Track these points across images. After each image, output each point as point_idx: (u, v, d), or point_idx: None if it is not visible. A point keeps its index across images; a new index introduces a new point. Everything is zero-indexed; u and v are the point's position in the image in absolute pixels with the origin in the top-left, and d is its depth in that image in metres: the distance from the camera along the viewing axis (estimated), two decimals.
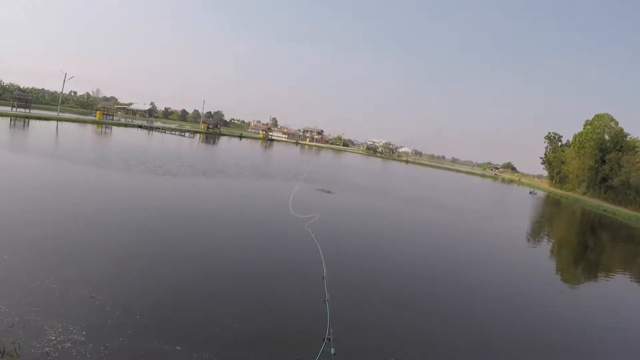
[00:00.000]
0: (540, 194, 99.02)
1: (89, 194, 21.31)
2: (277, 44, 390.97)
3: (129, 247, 13.97)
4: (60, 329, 8.02)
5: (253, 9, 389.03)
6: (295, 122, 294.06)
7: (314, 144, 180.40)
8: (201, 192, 27.40)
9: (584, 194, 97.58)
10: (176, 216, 19.51)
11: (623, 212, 68.98)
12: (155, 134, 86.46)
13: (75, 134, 57.90)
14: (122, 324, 8.65)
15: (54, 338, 7.72)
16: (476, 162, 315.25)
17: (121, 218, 17.54)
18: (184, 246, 15.05)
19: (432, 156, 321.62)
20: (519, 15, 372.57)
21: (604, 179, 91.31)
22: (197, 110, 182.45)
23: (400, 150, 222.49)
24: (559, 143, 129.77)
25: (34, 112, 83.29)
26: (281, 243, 18.12)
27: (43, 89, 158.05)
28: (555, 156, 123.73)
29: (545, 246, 30.05)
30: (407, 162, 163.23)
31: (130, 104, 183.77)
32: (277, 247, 17.30)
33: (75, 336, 7.87)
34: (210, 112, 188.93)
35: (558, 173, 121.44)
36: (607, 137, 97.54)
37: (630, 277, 24.15)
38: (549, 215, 55.48)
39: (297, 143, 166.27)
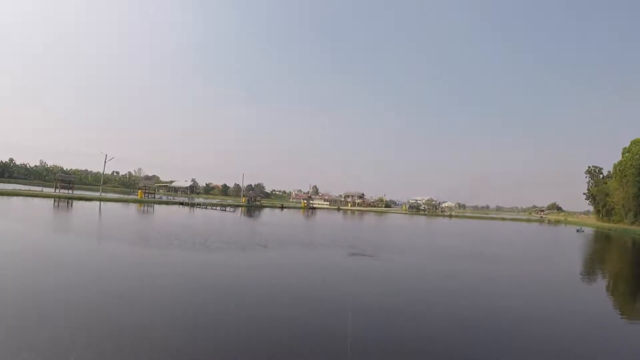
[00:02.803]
0: (588, 230, 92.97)
1: (119, 270, 20.08)
2: (306, 116, 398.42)
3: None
4: None
5: (271, 82, 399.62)
6: (335, 188, 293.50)
7: (356, 208, 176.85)
8: (239, 267, 24.18)
9: (632, 223, 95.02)
10: (209, 289, 17.63)
11: None
12: (197, 210, 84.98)
13: (117, 214, 56.32)
14: None
15: None
16: (521, 208, 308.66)
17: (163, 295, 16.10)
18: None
19: (476, 207, 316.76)
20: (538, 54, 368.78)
21: None
22: (238, 184, 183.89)
23: (443, 205, 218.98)
24: (601, 176, 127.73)
25: (77, 192, 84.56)
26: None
27: (86, 170, 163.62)
28: (599, 189, 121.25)
29: (600, 285, 26.30)
30: (450, 216, 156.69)
31: (172, 181, 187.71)
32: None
33: None
34: (251, 185, 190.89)
35: (604, 206, 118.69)
36: None
37: None
38: (599, 251, 49.62)
39: (338, 209, 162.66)
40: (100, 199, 79.44)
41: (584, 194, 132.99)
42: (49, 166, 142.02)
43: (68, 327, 11.34)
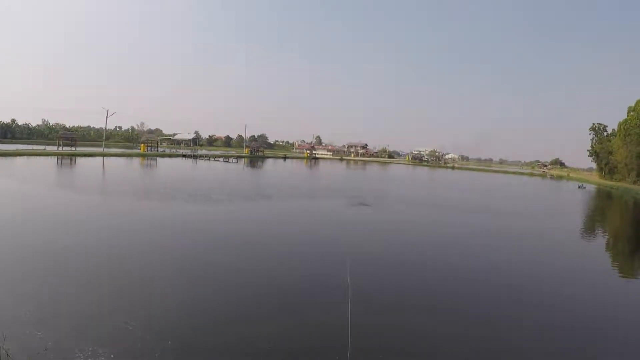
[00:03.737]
0: (590, 187, 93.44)
1: (129, 225, 20.64)
2: (314, 64, 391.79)
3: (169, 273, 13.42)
4: (89, 352, 8.04)
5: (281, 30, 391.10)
6: (339, 138, 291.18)
7: (359, 158, 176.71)
8: (240, 217, 25.18)
9: (635, 182, 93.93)
10: (214, 241, 18.40)
11: None
12: (200, 161, 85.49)
13: (120, 168, 56.83)
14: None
15: None
16: (524, 161, 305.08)
17: (165, 244, 17.06)
18: (225, 270, 14.17)
19: (479, 159, 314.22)
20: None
21: None
22: (241, 135, 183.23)
23: (446, 156, 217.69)
24: (605, 133, 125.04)
25: (80, 149, 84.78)
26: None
27: (89, 127, 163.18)
28: (602, 147, 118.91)
29: (599, 243, 26.50)
30: (453, 168, 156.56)
31: (175, 134, 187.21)
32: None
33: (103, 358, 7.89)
34: (254, 136, 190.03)
35: (607, 164, 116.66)
36: None
37: None
38: (600, 210, 49.96)
39: (341, 159, 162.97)
40: (103, 155, 79.90)
41: (588, 150, 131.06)
42: (51, 125, 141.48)
43: (75, 281, 12.05)
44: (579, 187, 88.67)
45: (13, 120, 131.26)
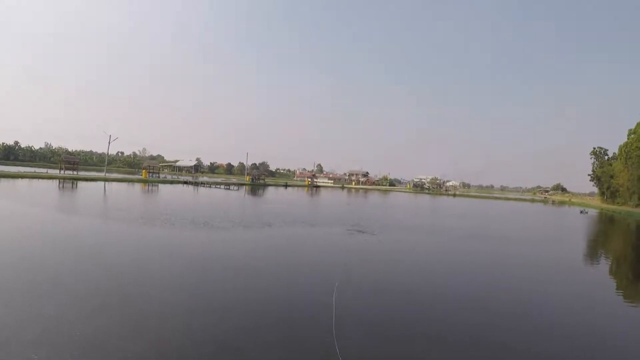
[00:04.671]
0: (592, 212, 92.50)
1: (131, 251, 20.26)
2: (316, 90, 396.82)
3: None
4: None
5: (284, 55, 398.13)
6: (340, 166, 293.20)
7: (360, 186, 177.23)
8: (239, 244, 24.67)
9: (637, 206, 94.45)
10: (213, 267, 17.96)
11: None
12: (201, 189, 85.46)
13: (121, 194, 56.59)
14: None
15: None
16: (525, 188, 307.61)
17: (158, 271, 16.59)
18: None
19: (480, 186, 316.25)
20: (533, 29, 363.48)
21: None
22: (243, 163, 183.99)
23: (448, 184, 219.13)
24: (606, 157, 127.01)
25: (82, 173, 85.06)
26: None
27: (91, 151, 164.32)
28: (603, 171, 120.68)
29: (603, 267, 26.00)
30: (454, 195, 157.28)
31: (176, 161, 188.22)
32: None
33: None
34: (255, 164, 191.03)
35: (608, 188, 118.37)
36: None
37: None
38: (602, 234, 49.42)
39: (342, 187, 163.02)
40: (104, 179, 79.87)
41: (589, 175, 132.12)
42: (54, 148, 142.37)
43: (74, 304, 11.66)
44: (581, 212, 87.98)
45: (16, 142, 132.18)
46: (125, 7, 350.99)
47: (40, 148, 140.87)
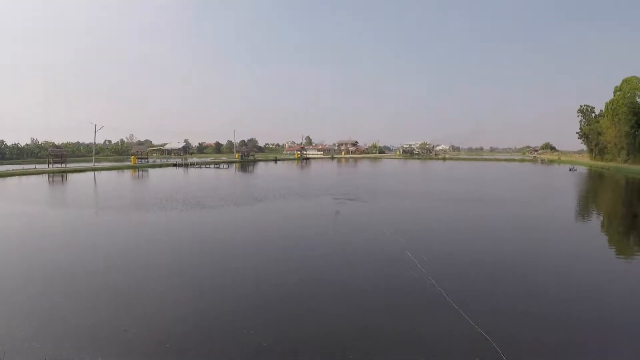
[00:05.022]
0: (581, 169, 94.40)
1: (123, 235, 21.43)
2: (303, 64, 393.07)
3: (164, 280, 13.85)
4: None
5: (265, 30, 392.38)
6: (329, 137, 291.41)
7: (350, 155, 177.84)
8: (229, 222, 25.44)
9: (625, 161, 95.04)
10: (207, 246, 18.75)
11: None
12: (192, 170, 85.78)
13: (111, 182, 57.03)
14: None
15: None
16: (515, 148, 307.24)
17: (153, 253, 17.50)
18: (223, 274, 14.49)
19: (470, 149, 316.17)
20: None
21: None
22: (231, 141, 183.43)
23: (437, 148, 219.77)
24: (593, 115, 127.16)
25: (70, 165, 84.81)
26: None
27: (78, 142, 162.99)
28: (591, 128, 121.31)
29: (594, 223, 26.79)
30: (444, 159, 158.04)
31: (165, 144, 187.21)
32: None
33: None
34: (244, 141, 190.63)
35: (596, 145, 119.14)
36: (638, 99, 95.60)
37: None
38: (592, 190, 50.43)
39: (332, 158, 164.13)
40: (94, 169, 79.95)
41: (577, 133, 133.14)
42: (40, 143, 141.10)
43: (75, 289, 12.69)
44: (570, 169, 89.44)
45: (2, 141, 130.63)
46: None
47: (27, 144, 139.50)
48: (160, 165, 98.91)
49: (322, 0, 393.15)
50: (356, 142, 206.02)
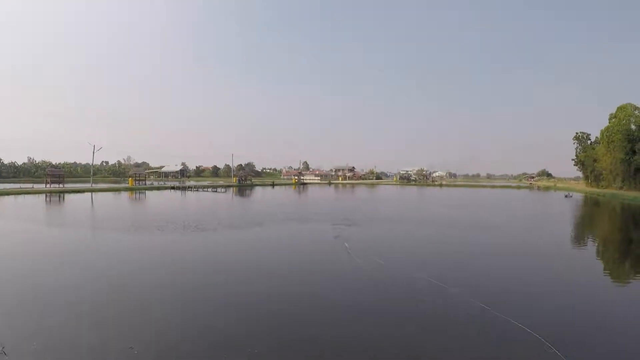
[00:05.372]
0: (577, 195, 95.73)
1: (126, 256, 21.37)
2: (296, 87, 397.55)
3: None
4: None
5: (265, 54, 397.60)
6: (326, 162, 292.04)
7: (347, 181, 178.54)
8: (229, 245, 25.51)
9: (620, 188, 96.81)
10: (208, 268, 18.95)
11: None
12: (189, 193, 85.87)
13: (110, 203, 56.87)
14: None
15: None
16: (511, 175, 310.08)
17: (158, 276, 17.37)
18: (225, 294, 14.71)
19: (466, 176, 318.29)
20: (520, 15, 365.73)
21: (637, 170, 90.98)
22: (228, 165, 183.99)
23: (434, 175, 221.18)
24: (589, 141, 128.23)
25: (68, 186, 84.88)
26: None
27: (75, 162, 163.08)
28: (587, 155, 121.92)
29: (590, 248, 27.34)
30: (441, 185, 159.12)
31: (162, 166, 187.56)
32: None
33: None
34: (241, 165, 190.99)
35: (592, 172, 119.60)
36: (633, 126, 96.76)
37: None
38: (586, 216, 50.90)
39: (329, 183, 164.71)
40: (91, 190, 79.84)
41: (572, 159, 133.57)
42: (37, 162, 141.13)
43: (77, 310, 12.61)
44: (566, 196, 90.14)
45: None
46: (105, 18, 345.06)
47: (24, 163, 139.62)
48: (158, 188, 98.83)
49: (325, 27, 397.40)
50: (353, 167, 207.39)
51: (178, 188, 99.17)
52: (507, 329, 11.23)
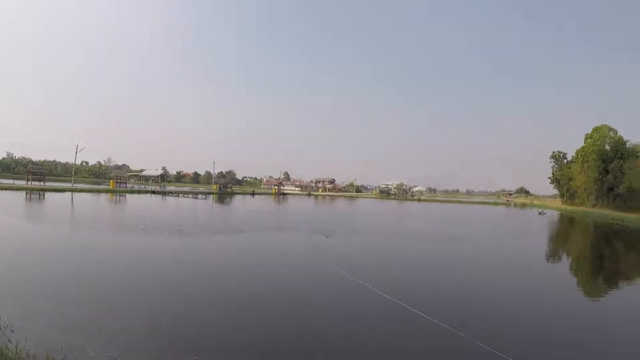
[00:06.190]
0: (553, 213, 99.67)
1: (115, 258, 21.71)
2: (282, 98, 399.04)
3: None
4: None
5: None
6: (307, 174, 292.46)
7: (327, 193, 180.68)
8: (216, 248, 26.86)
9: (594, 206, 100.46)
10: (191, 270, 19.72)
11: (631, 217, 72.92)
12: (169, 198, 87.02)
13: (92, 204, 58.17)
14: None
15: None
16: (490, 192, 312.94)
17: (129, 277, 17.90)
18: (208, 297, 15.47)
19: (446, 191, 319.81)
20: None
21: (610, 189, 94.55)
22: (209, 172, 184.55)
23: (414, 189, 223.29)
24: (565, 160, 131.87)
25: (49, 184, 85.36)
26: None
27: (55, 161, 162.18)
28: (562, 174, 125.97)
29: (559, 266, 29.47)
30: (420, 200, 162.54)
31: (142, 170, 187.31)
32: None
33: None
34: (222, 172, 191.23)
35: (567, 190, 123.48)
36: (607, 147, 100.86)
37: None
38: (562, 233, 54.18)
39: (309, 194, 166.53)
40: (72, 190, 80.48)
41: (549, 178, 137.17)
42: (16, 158, 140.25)
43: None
44: (540, 213, 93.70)
45: None
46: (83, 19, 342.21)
47: (3, 158, 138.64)
48: (139, 192, 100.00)
49: (313, 39, 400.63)
50: (333, 179, 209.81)
51: (158, 192, 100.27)
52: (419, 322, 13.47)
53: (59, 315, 12.18)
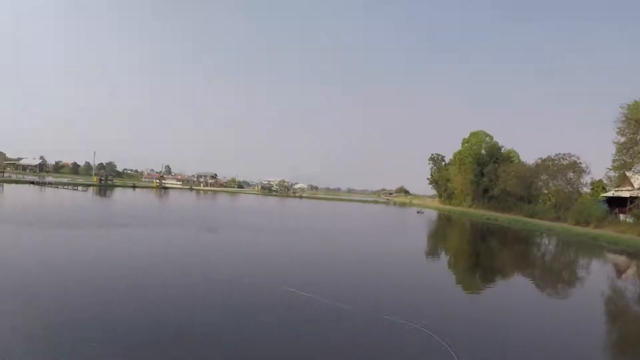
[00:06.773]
0: (432, 212, 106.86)
1: None
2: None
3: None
4: None
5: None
6: (189, 168, 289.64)
7: (209, 188, 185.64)
8: (101, 243, 26.97)
9: (470, 206, 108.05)
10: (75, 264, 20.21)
11: (503, 217, 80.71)
12: (48, 189, 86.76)
13: None
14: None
15: None
16: (371, 190, 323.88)
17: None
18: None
19: (328, 189, 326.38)
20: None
21: (485, 190, 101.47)
22: (89, 162, 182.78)
23: (295, 186, 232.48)
24: (443, 163, 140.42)
25: None
26: None
27: None
28: (441, 175, 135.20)
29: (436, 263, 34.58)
30: (300, 197, 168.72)
31: (20, 158, 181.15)
32: None
33: None
34: (102, 164, 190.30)
35: (445, 190, 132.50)
36: (483, 151, 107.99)
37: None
38: (439, 231, 62.28)
39: (191, 189, 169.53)
40: None
41: (427, 178, 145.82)
42: None
43: None
44: (418, 212, 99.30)
45: None
46: None
47: None
48: (17, 182, 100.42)
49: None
50: (215, 174, 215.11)
51: (37, 183, 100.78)
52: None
53: None
